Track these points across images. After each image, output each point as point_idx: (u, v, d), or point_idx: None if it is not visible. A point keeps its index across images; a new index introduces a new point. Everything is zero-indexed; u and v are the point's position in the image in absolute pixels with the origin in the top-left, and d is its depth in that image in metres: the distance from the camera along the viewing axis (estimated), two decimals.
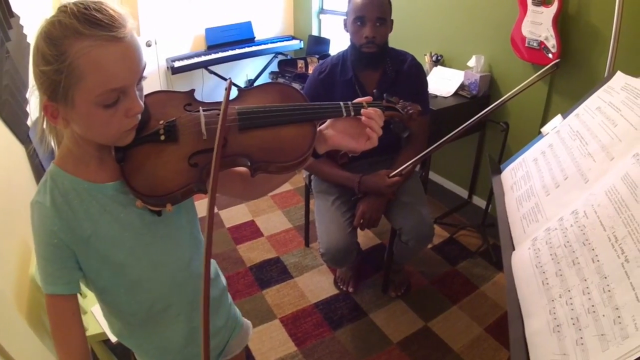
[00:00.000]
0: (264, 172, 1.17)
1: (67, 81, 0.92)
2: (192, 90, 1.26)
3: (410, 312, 2.89)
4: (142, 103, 1.04)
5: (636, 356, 0.82)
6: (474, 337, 2.70)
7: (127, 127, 1.04)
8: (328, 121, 1.28)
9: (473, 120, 2.01)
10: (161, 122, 1.13)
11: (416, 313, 2.89)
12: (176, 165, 1.10)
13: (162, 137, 1.11)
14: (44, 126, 1.10)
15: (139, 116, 1.06)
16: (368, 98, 1.33)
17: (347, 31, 2.52)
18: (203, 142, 1.13)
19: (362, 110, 1.26)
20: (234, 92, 1.25)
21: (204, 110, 1.17)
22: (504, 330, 2.69)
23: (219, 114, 1.09)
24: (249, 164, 1.14)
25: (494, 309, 2.89)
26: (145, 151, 1.10)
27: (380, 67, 2.54)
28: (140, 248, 1.19)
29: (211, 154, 1.03)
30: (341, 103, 1.26)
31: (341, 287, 3.08)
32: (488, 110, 2.05)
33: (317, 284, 3.13)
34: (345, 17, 2.52)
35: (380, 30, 2.40)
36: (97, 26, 0.91)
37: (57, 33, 0.91)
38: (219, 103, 1.15)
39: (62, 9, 0.92)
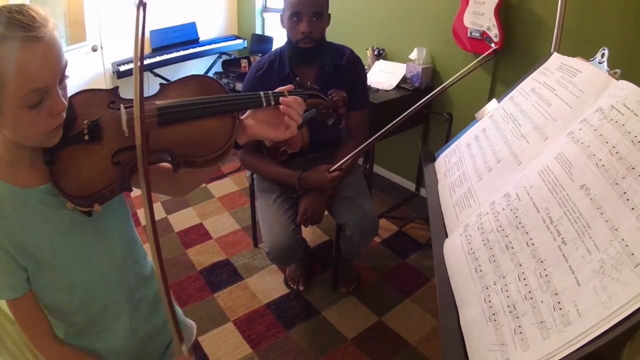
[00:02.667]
0: (185, 166, 1.18)
1: None
2: (116, 88, 1.26)
3: (362, 308, 2.88)
4: (65, 101, 1.04)
5: (580, 344, 0.79)
6: (429, 329, 2.70)
7: (53, 126, 1.04)
8: (248, 111, 1.30)
9: (411, 111, 2.00)
10: (85, 121, 1.13)
11: (369, 308, 2.87)
12: (100, 165, 1.11)
13: (86, 137, 1.12)
14: None
15: (64, 115, 1.06)
16: (289, 86, 1.33)
17: (284, 27, 2.51)
18: (125, 139, 1.13)
19: (280, 99, 1.28)
20: (155, 88, 1.27)
21: (125, 107, 1.16)
22: None
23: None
24: (170, 159, 1.15)
25: None
26: (71, 152, 1.11)
27: (318, 62, 2.53)
28: (72, 250, 1.20)
29: (134, 151, 1.04)
30: (261, 93, 1.27)
31: (292, 285, 3.05)
32: (426, 100, 2.04)
33: (267, 284, 3.09)
34: (282, 13, 2.51)
35: (316, 25, 2.39)
36: (19, 28, 0.92)
37: None
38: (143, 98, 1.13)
39: None
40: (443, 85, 1.98)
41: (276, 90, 1.31)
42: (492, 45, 2.99)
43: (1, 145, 1.09)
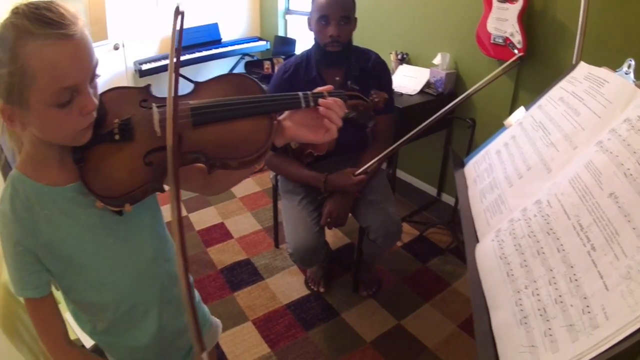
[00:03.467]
0: (220, 168, 1.14)
1: (20, 83, 0.92)
2: (148, 86, 1.24)
3: (382, 311, 2.88)
4: (96, 100, 1.03)
5: (607, 346, 0.81)
6: (447, 334, 2.70)
7: (83, 125, 1.03)
8: (286, 112, 1.25)
9: (437, 116, 2.01)
10: (116, 120, 1.11)
11: (388, 311, 2.88)
12: (132, 165, 1.09)
13: (117, 137, 1.09)
14: (4, 131, 1.09)
15: (94, 114, 1.05)
16: (329, 87, 1.28)
17: (311, 30, 2.52)
18: (157, 139, 1.10)
19: (320, 100, 1.22)
20: (189, 86, 1.22)
21: (158, 106, 1.13)
22: None
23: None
24: (204, 160, 1.12)
25: (466, 305, 2.89)
26: (101, 151, 1.09)
27: (344, 65, 2.53)
28: (102, 249, 1.18)
29: (166, 151, 1.00)
30: (300, 93, 1.22)
31: (312, 287, 3.06)
32: (452, 106, 2.05)
33: (288, 285, 3.11)
34: (309, 16, 2.51)
35: (344, 28, 2.40)
36: (48, 25, 0.90)
37: (9, 35, 0.90)
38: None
39: (15, 11, 0.92)
40: (470, 90, 1.99)
41: (315, 90, 1.26)
42: (515, 51, 2.99)
43: (29, 144, 1.08)
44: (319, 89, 1.27)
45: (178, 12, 1.00)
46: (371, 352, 2.59)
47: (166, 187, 1.10)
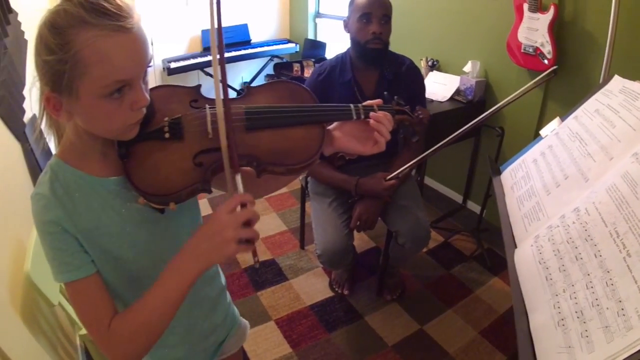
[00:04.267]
0: (270, 173, 1.13)
1: (71, 72, 0.89)
2: (199, 86, 1.22)
3: (405, 315, 2.90)
4: (147, 96, 1.00)
5: None
6: (469, 341, 2.72)
7: (132, 120, 1.00)
8: (335, 123, 1.26)
9: (471, 125, 2.02)
10: (166, 119, 1.09)
11: (411, 316, 2.90)
12: (180, 164, 1.06)
13: (167, 135, 1.07)
14: (44, 119, 1.07)
15: (144, 110, 1.02)
16: (378, 101, 1.28)
17: (348, 31, 2.54)
18: (209, 141, 1.08)
19: (371, 114, 1.22)
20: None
21: (210, 107, 1.12)
22: (499, 334, 2.72)
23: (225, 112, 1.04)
24: (255, 164, 1.10)
25: (488, 312, 2.90)
26: (148, 148, 1.06)
27: (379, 68, 2.55)
28: (141, 244, 1.16)
29: (217, 153, 1.01)
30: (351, 105, 1.22)
31: (336, 289, 3.08)
32: (486, 116, 2.06)
33: (312, 286, 3.14)
34: (346, 18, 2.54)
35: (385, 27, 2.43)
36: (105, 15, 0.88)
37: (62, 22, 0.88)
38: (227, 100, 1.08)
39: None
40: (504, 101, 1.99)
41: (365, 103, 1.25)
42: (545, 61, 2.99)
43: (72, 133, 1.04)
44: (369, 102, 1.27)
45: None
46: (393, 356, 2.61)
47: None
